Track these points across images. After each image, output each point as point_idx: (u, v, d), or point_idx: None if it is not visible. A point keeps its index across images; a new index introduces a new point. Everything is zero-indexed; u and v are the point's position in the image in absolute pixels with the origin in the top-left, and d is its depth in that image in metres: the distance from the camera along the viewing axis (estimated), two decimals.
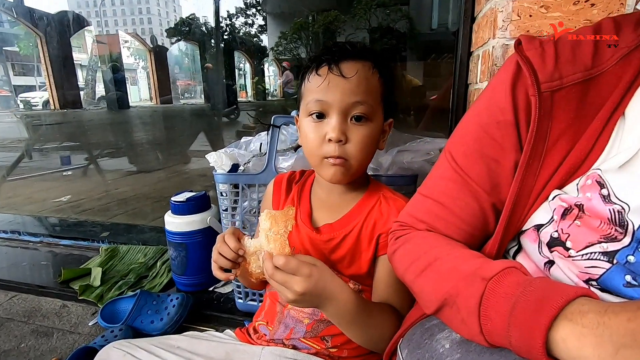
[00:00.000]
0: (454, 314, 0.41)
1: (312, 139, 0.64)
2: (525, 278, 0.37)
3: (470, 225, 0.48)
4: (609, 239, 0.38)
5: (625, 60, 0.40)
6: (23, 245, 1.58)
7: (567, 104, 0.41)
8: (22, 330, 1.09)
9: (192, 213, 1.13)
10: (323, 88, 0.62)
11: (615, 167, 0.38)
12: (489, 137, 0.46)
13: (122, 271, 1.29)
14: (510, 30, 0.69)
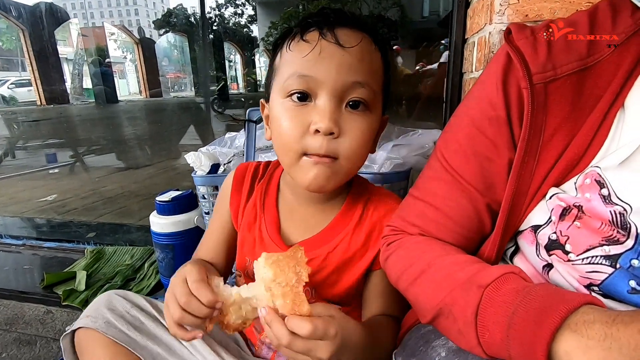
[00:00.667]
0: (450, 324, 0.38)
1: (289, 129, 0.48)
2: (524, 285, 0.34)
3: (464, 227, 0.45)
4: (611, 242, 0.35)
5: (623, 48, 0.37)
6: (5, 248, 1.52)
7: (562, 96, 0.38)
8: (4, 339, 1.05)
9: (178, 213, 1.08)
10: (311, 59, 0.46)
11: (616, 164, 0.35)
12: (481, 135, 0.42)
13: (109, 274, 1.25)
14: (509, 15, 0.64)
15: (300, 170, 0.49)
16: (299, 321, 0.40)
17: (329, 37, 0.47)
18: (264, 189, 0.61)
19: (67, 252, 1.46)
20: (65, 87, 12.79)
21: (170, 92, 17.62)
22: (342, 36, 0.47)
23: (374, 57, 0.51)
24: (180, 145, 3.83)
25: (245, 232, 0.60)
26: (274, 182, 0.61)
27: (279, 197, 0.60)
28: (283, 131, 0.48)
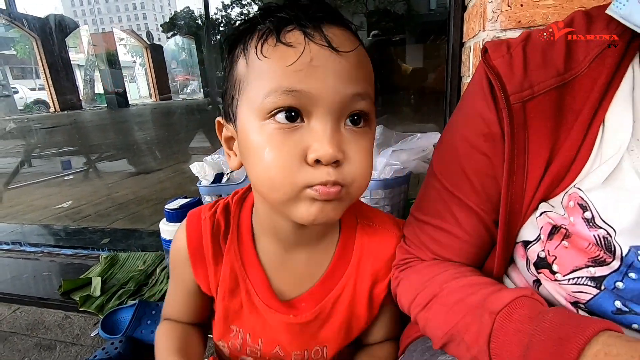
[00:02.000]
0: (462, 352, 0.37)
1: (279, 160, 0.36)
2: (537, 311, 0.34)
3: (477, 246, 0.45)
4: (598, 262, 0.35)
5: (599, 61, 0.36)
6: (24, 256, 1.59)
7: (542, 113, 0.38)
8: (26, 344, 1.10)
9: None
10: (300, 68, 0.35)
11: (599, 183, 0.35)
12: (479, 152, 0.42)
13: (122, 279, 1.29)
14: (501, 22, 0.65)
15: (302, 205, 0.38)
16: None
17: (318, 39, 0.36)
18: (236, 247, 0.49)
19: (83, 258, 1.52)
20: (77, 93, 13.07)
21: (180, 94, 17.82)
22: (334, 37, 0.36)
23: (368, 62, 0.41)
24: (190, 148, 3.89)
25: (226, 300, 0.50)
26: (245, 231, 0.49)
27: (258, 249, 0.49)
28: (269, 164, 0.37)
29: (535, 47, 0.39)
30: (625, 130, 0.35)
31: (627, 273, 0.34)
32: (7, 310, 1.27)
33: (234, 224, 0.49)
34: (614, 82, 0.36)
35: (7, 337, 1.13)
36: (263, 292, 0.48)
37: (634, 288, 0.34)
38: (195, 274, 0.50)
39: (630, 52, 0.36)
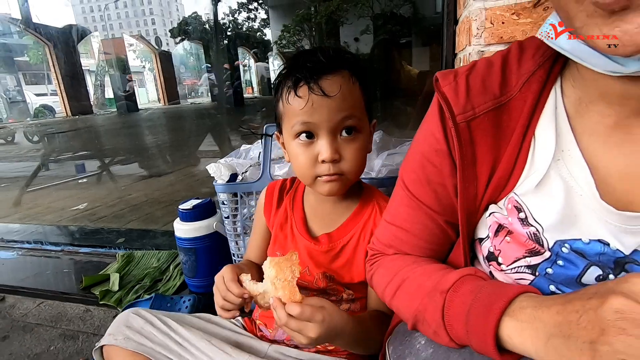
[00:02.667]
0: (426, 328, 0.45)
1: (303, 161, 0.62)
2: (477, 285, 0.41)
3: (431, 242, 0.53)
4: (533, 253, 0.42)
5: (527, 85, 0.43)
6: (46, 254, 1.68)
7: (483, 130, 0.44)
8: (51, 334, 1.19)
9: (199, 219, 1.20)
10: (307, 110, 0.59)
11: (532, 188, 0.42)
12: (431, 164, 0.49)
13: (138, 275, 1.38)
14: (485, 38, 0.71)
15: (317, 186, 0.65)
16: (291, 306, 0.52)
17: (316, 91, 0.58)
18: (292, 197, 0.76)
19: (101, 256, 1.61)
20: (88, 98, 13.37)
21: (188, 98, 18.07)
22: (326, 87, 0.58)
23: (354, 90, 0.62)
24: (199, 152, 3.99)
25: (277, 231, 0.75)
26: (300, 190, 0.76)
27: (305, 201, 0.75)
28: (299, 164, 0.64)
29: (477, 75, 0.45)
30: (551, 143, 0.41)
31: (556, 261, 0.41)
32: (32, 304, 1.36)
33: (295, 185, 0.77)
34: (540, 102, 0.43)
35: (33, 328, 1.22)
36: (301, 227, 0.72)
37: (561, 273, 0.41)
38: (264, 211, 0.77)
39: (552, 77, 0.43)
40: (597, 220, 0.40)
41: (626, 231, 0.39)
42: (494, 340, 0.36)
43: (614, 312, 0.30)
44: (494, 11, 0.70)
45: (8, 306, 1.36)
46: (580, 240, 0.41)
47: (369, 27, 10.65)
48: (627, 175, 0.39)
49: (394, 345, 0.54)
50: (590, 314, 0.31)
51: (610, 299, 0.30)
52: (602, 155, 0.41)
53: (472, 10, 0.71)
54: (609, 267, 0.40)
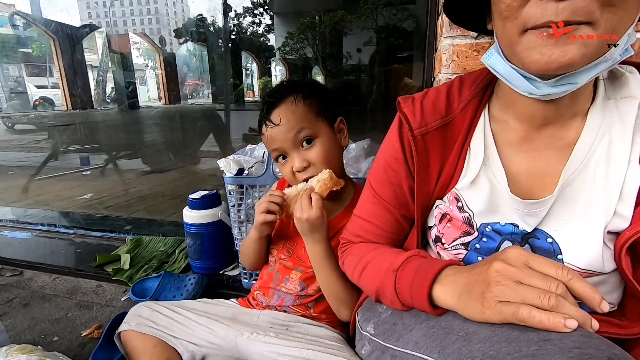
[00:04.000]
0: (385, 300, 0.60)
1: (286, 175, 0.85)
2: (418, 262, 0.56)
3: (390, 232, 0.68)
4: (466, 234, 0.58)
5: (465, 110, 0.58)
6: (59, 236, 1.82)
7: (434, 142, 0.58)
8: (67, 303, 1.33)
9: (206, 208, 1.35)
10: (270, 140, 0.81)
11: (468, 184, 0.57)
12: (391, 169, 0.63)
13: (147, 257, 1.52)
14: (452, 68, 0.89)
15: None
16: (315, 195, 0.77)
17: (269, 125, 0.80)
18: None
19: (111, 240, 1.75)
20: (90, 93, 13.41)
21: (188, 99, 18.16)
22: (274, 117, 0.80)
23: (299, 108, 0.80)
24: (200, 151, 4.13)
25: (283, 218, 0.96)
26: None
27: None
28: (285, 177, 0.86)
29: (429, 100, 0.59)
30: (480, 152, 0.57)
31: (482, 238, 0.57)
32: (49, 278, 1.50)
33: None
34: (474, 122, 0.58)
35: (51, 299, 1.36)
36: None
37: (485, 247, 0.57)
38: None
39: (482, 104, 0.59)
40: (510, 208, 0.55)
41: (529, 214, 0.54)
42: (428, 300, 0.50)
43: (495, 272, 0.44)
44: (459, 47, 0.87)
45: (26, 279, 1.50)
46: (499, 223, 0.56)
47: (372, 39, 10.90)
48: (529, 174, 0.56)
49: (362, 312, 0.70)
50: (482, 275, 0.46)
51: (494, 263, 0.45)
52: (514, 160, 0.56)
53: (443, 45, 0.89)
54: (517, 241, 0.56)
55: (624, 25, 0.42)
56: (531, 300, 0.40)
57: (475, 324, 0.45)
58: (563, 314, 0.39)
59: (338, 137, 0.87)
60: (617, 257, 0.49)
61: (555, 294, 0.40)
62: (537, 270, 0.43)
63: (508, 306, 0.41)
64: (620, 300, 0.56)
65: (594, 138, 0.51)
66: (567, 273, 0.42)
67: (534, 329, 0.40)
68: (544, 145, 0.55)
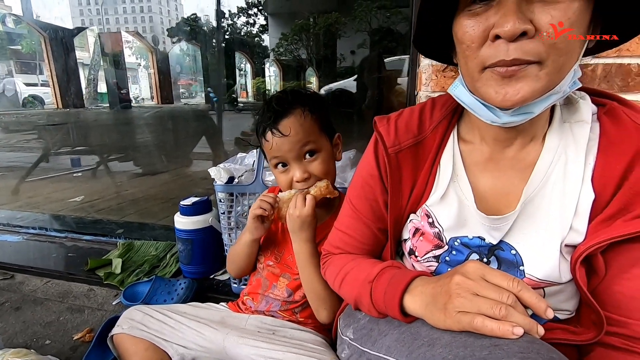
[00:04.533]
0: (363, 308, 0.64)
1: (284, 183, 0.87)
2: (392, 273, 0.60)
3: (368, 244, 0.72)
4: (437, 247, 0.63)
5: (435, 130, 0.63)
6: (50, 240, 1.83)
7: (407, 159, 0.63)
8: (59, 307, 1.35)
9: (197, 214, 1.39)
10: (274, 148, 0.82)
11: (438, 200, 0.62)
12: (368, 185, 0.67)
13: (138, 261, 1.55)
14: (431, 86, 0.94)
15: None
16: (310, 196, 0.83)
17: (276, 134, 0.81)
18: None
19: (102, 244, 1.77)
20: (81, 91, 13.25)
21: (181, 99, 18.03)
22: (282, 129, 0.81)
23: (306, 122, 0.83)
24: (192, 153, 4.14)
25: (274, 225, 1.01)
26: None
27: None
28: (281, 185, 0.89)
29: (403, 120, 0.63)
30: (449, 170, 0.62)
31: (451, 251, 0.62)
32: (40, 282, 1.52)
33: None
34: (443, 142, 0.63)
35: (43, 302, 1.39)
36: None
37: (454, 259, 0.62)
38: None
39: (452, 125, 0.64)
40: (477, 223, 0.60)
41: (494, 229, 0.58)
42: (399, 309, 0.55)
43: (455, 285, 0.49)
44: (437, 68, 0.93)
45: (17, 283, 1.51)
46: (467, 237, 0.61)
47: (365, 41, 10.97)
48: (494, 192, 0.60)
49: (343, 318, 0.75)
50: (445, 287, 0.51)
51: (454, 277, 0.50)
52: (481, 179, 0.61)
53: (423, 65, 0.95)
54: (484, 253, 0.61)
55: (569, 64, 0.47)
56: (485, 311, 0.46)
57: (439, 331, 0.50)
58: (512, 322, 0.44)
59: (334, 151, 0.91)
60: (572, 269, 0.54)
61: (506, 305, 0.45)
62: (491, 282, 0.48)
63: (465, 316, 0.46)
64: (576, 308, 0.61)
65: (552, 159, 0.56)
66: (517, 284, 0.47)
67: (487, 336, 0.45)
68: (507, 166, 0.60)
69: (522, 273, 0.57)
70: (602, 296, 0.54)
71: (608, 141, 0.53)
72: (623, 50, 0.83)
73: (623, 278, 0.52)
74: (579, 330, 0.58)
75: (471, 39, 0.47)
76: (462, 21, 0.48)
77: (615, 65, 0.85)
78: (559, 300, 0.59)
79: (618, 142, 0.52)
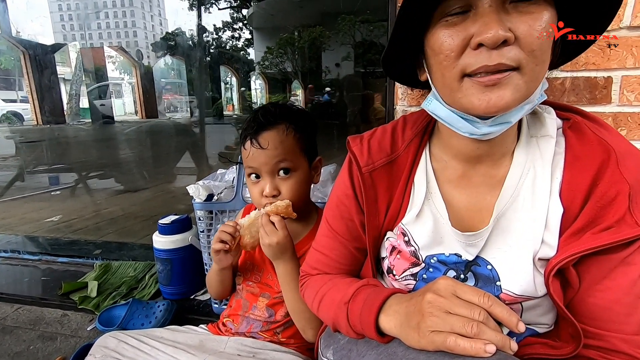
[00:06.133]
0: (342, 329, 0.63)
1: (254, 194, 0.86)
2: (367, 292, 0.59)
3: (345, 264, 0.71)
4: (414, 265, 0.62)
5: (408, 148, 0.63)
6: (23, 263, 1.76)
7: (381, 178, 0.62)
8: (29, 335, 1.28)
9: (176, 233, 1.35)
10: (250, 158, 0.81)
11: (413, 219, 0.61)
12: (343, 205, 0.67)
13: (115, 284, 1.50)
14: (408, 101, 0.95)
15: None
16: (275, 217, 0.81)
17: (255, 144, 0.80)
18: None
19: (78, 266, 1.71)
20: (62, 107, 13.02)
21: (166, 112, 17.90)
22: (261, 141, 0.80)
23: (287, 139, 0.82)
24: (176, 168, 4.08)
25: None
26: None
27: None
28: (252, 196, 0.86)
29: (375, 139, 0.63)
30: (423, 188, 0.61)
31: (428, 269, 0.61)
32: (10, 309, 1.44)
33: None
34: (416, 160, 0.63)
35: (12, 330, 1.31)
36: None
37: (431, 277, 0.61)
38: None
39: (424, 143, 0.63)
40: (453, 240, 0.59)
41: (469, 245, 0.58)
42: (375, 329, 0.54)
43: (427, 303, 0.48)
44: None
45: None
46: (443, 254, 0.60)
47: (350, 54, 11.18)
48: (468, 208, 0.60)
49: (324, 338, 0.73)
50: (417, 306, 0.50)
51: (426, 295, 0.50)
52: (454, 196, 0.61)
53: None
54: (460, 269, 0.60)
55: (542, 73, 0.48)
56: (458, 329, 0.45)
57: (415, 351, 0.49)
58: (484, 340, 0.44)
59: (312, 174, 0.90)
60: (546, 283, 0.54)
61: (478, 322, 0.45)
62: (463, 298, 0.48)
63: (439, 335, 0.46)
64: (554, 321, 0.61)
65: (521, 174, 0.56)
66: (487, 300, 0.47)
67: (461, 355, 0.44)
68: (479, 182, 0.60)
69: (499, 288, 0.57)
70: (578, 308, 0.54)
71: (573, 156, 0.54)
72: (589, 65, 0.86)
73: (596, 290, 0.52)
74: (558, 344, 0.58)
75: (450, 48, 0.47)
76: (439, 32, 0.48)
77: (582, 79, 0.87)
78: (537, 314, 0.59)
79: (583, 157, 0.53)
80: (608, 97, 0.87)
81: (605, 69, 0.86)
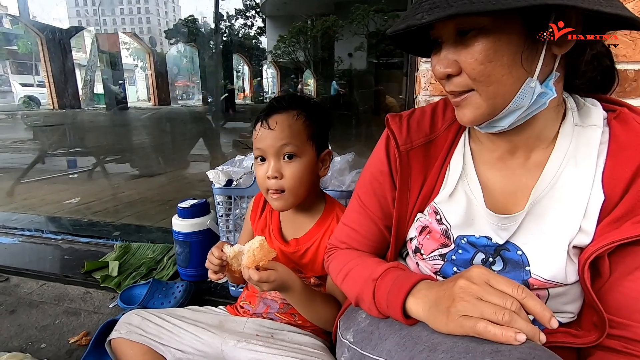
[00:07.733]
0: (364, 305, 0.64)
1: (259, 176, 0.85)
2: (397, 274, 0.60)
3: (374, 241, 0.72)
4: (444, 246, 0.63)
5: (448, 129, 0.64)
6: (46, 242, 1.82)
7: (417, 158, 0.63)
8: (55, 310, 1.34)
9: (195, 217, 1.38)
10: (258, 139, 0.82)
11: (446, 198, 0.62)
12: (377, 181, 0.68)
13: (135, 264, 1.54)
14: (430, 90, 0.95)
15: (269, 200, 0.86)
16: (251, 271, 0.72)
17: (264, 125, 0.81)
18: (269, 210, 0.96)
19: (99, 246, 1.76)
20: (77, 92, 13.19)
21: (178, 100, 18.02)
22: (271, 122, 0.80)
23: (294, 125, 0.81)
24: (190, 155, 4.13)
25: (259, 234, 0.94)
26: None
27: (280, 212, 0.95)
28: (257, 178, 0.86)
29: (415, 119, 0.65)
30: (459, 168, 0.62)
31: (457, 250, 0.62)
32: (36, 285, 1.50)
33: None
34: (455, 142, 0.63)
35: (38, 305, 1.37)
36: (276, 232, 0.92)
37: (460, 258, 0.62)
38: (251, 218, 0.99)
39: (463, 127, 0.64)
40: (485, 222, 0.60)
41: (501, 228, 0.58)
42: (402, 311, 0.54)
43: (459, 289, 0.49)
44: None
45: (12, 285, 1.50)
46: (474, 236, 0.61)
47: (363, 44, 11.02)
48: (503, 191, 0.61)
49: (343, 320, 0.74)
50: (448, 291, 0.50)
51: (458, 281, 0.50)
52: (490, 177, 0.62)
53: (422, 69, 0.95)
54: (490, 252, 0.60)
55: (503, 89, 0.50)
56: (488, 316, 0.45)
57: (440, 336, 0.50)
58: (515, 328, 0.44)
59: (319, 166, 0.89)
60: (580, 271, 0.54)
61: (510, 310, 0.45)
62: (496, 288, 0.48)
63: (468, 320, 0.46)
64: (579, 311, 0.61)
65: (562, 161, 0.57)
66: (522, 292, 0.47)
67: (489, 341, 0.45)
68: (516, 165, 0.60)
69: (528, 273, 0.57)
70: (604, 298, 0.54)
71: (618, 145, 0.54)
72: (620, 57, 0.84)
73: (626, 280, 0.52)
74: (580, 333, 0.58)
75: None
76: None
77: None
78: (562, 302, 0.59)
79: (627, 147, 0.53)
80: (638, 90, 0.85)
81: (636, 62, 0.84)
